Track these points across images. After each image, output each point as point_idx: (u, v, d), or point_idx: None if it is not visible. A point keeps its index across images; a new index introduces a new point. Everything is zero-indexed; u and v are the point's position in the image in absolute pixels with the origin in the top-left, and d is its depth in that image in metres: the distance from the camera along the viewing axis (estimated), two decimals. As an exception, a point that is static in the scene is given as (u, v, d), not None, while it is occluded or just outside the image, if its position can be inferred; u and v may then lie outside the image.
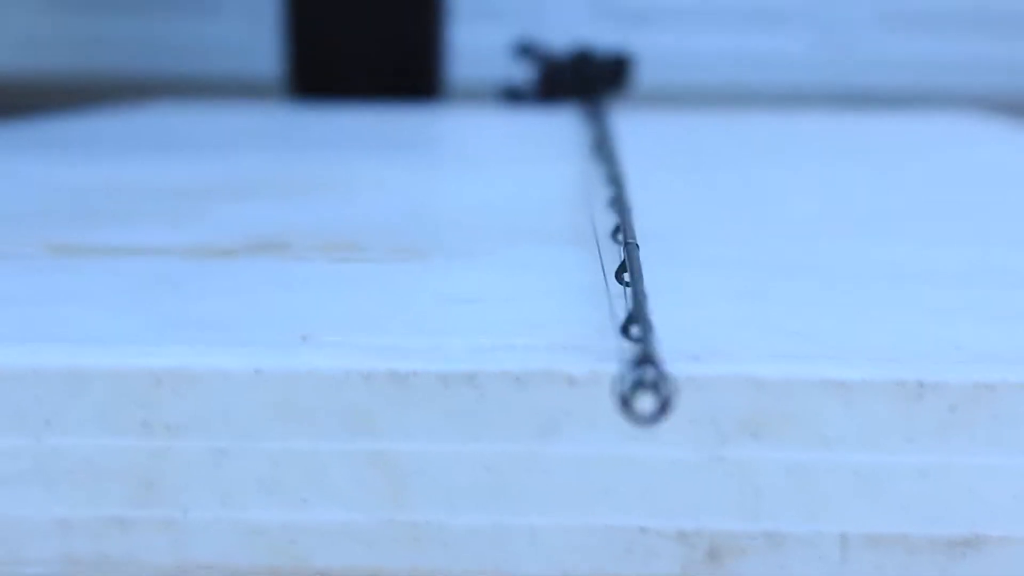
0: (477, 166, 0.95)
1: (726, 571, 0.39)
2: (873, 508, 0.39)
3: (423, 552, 0.39)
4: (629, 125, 0.94)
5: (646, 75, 1.62)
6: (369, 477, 0.39)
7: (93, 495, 0.39)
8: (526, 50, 1.52)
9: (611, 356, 0.38)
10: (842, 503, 0.39)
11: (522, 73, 1.53)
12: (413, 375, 0.39)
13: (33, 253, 0.56)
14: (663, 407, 0.34)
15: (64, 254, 0.55)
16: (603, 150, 0.77)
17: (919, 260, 0.56)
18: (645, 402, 0.34)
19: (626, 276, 0.43)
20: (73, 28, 2.31)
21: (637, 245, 0.45)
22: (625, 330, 0.39)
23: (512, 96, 1.51)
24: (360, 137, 1.15)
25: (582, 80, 1.39)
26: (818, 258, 0.57)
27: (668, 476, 0.39)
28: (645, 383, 0.34)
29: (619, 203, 0.56)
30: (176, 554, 0.39)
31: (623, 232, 0.49)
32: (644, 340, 0.36)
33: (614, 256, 0.47)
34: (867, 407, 0.39)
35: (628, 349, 0.36)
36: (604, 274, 0.46)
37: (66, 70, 2.30)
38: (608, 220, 0.55)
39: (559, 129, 1.11)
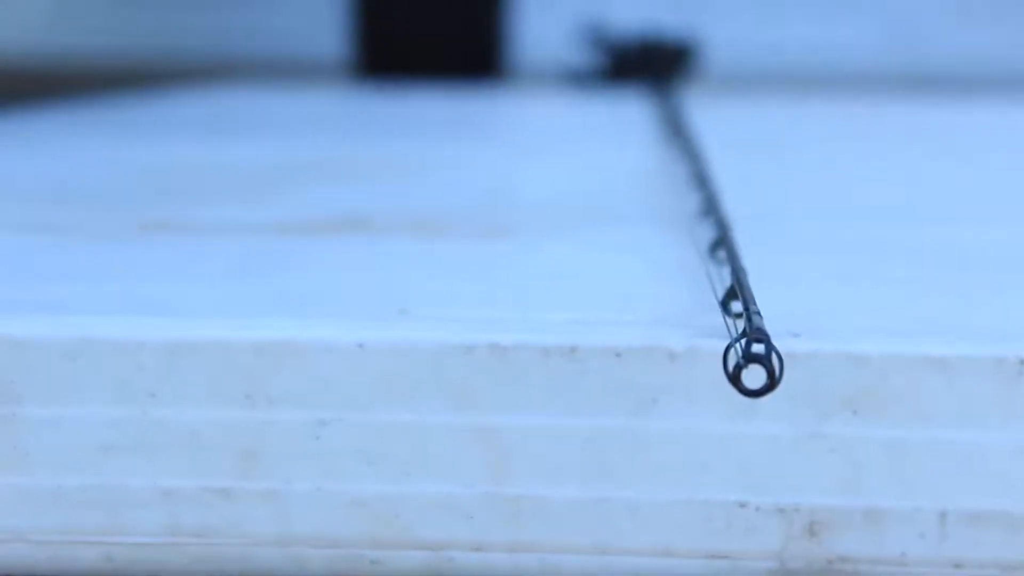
0: (551, 148, 0.95)
1: (825, 547, 0.39)
2: (973, 485, 0.39)
3: (523, 526, 0.39)
4: (699, 109, 0.93)
5: (711, 62, 1.62)
6: (470, 450, 0.39)
7: (196, 466, 0.39)
8: (592, 33, 1.52)
9: (711, 331, 0.38)
10: (942, 480, 0.39)
11: (588, 56, 1.52)
12: (514, 348, 0.39)
13: (125, 231, 0.56)
14: (772, 381, 0.34)
15: (154, 231, 0.56)
16: (679, 132, 0.77)
17: (1015, 243, 0.56)
18: (754, 375, 0.34)
19: (721, 253, 0.43)
20: (139, 10, 2.32)
21: (729, 223, 0.45)
22: (725, 305, 0.39)
23: (578, 79, 1.51)
24: (431, 119, 1.15)
25: (649, 63, 1.38)
26: (911, 241, 0.56)
27: (768, 452, 0.39)
28: (755, 356, 0.34)
29: (705, 183, 0.56)
30: (278, 525, 0.39)
31: (714, 210, 0.49)
32: (751, 313, 0.36)
33: (704, 236, 0.47)
34: (967, 384, 0.38)
35: (734, 323, 0.36)
36: (698, 252, 0.46)
37: (133, 53, 2.31)
38: (692, 201, 0.55)
39: (630, 112, 1.11)
